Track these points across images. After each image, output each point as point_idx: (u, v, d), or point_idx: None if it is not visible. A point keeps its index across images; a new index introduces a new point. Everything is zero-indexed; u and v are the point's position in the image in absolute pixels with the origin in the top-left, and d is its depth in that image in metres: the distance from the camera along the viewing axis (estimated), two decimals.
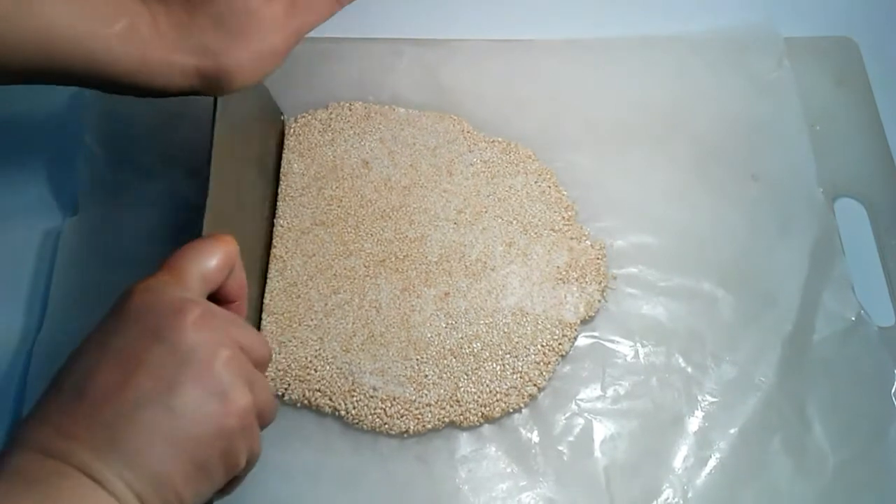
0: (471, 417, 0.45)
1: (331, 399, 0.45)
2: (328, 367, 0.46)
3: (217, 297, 0.38)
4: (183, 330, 0.34)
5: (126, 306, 0.35)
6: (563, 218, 0.51)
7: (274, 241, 0.50)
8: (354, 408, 0.45)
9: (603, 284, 0.49)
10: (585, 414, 0.46)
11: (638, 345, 0.48)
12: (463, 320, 0.47)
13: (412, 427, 0.45)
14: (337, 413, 0.45)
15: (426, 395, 0.45)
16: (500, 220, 0.50)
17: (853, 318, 0.48)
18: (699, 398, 0.46)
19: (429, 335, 0.47)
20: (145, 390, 0.32)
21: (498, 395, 0.46)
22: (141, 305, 0.34)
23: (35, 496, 0.30)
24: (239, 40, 0.42)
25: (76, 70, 0.40)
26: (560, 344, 0.47)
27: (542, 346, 0.47)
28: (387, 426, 0.45)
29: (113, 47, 0.39)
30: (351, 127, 0.54)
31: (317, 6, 0.45)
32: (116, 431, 0.32)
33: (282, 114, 0.54)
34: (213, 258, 0.37)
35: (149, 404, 0.32)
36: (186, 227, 0.51)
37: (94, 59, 0.39)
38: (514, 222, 0.50)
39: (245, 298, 0.41)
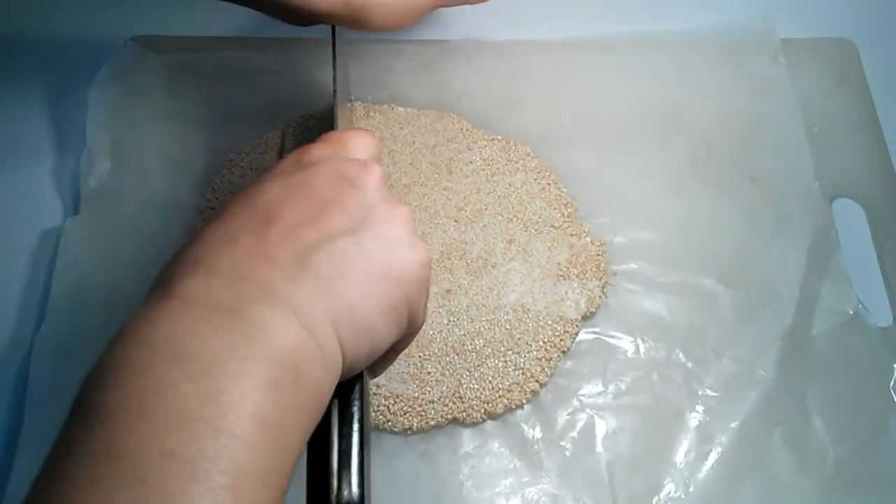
0: (473, 414, 0.45)
1: None
2: None
3: None
4: (372, 182, 0.34)
5: (306, 157, 0.34)
6: (563, 215, 0.51)
7: None
8: None
9: (603, 280, 0.49)
10: (587, 409, 0.46)
11: (639, 340, 0.48)
12: (465, 317, 0.47)
13: (415, 424, 0.45)
14: None
15: (429, 392, 0.46)
16: (500, 218, 0.51)
17: (851, 312, 0.48)
18: (700, 393, 0.47)
19: (431, 332, 0.47)
20: (340, 225, 0.32)
21: (500, 392, 0.46)
22: (323, 158, 0.35)
23: (228, 329, 0.27)
24: None
25: None
26: (561, 340, 0.47)
27: (544, 342, 0.47)
28: (390, 423, 0.45)
29: None
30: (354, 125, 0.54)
31: None
32: (313, 256, 0.30)
33: (351, 97, 0.55)
34: (370, 143, 0.38)
35: (342, 238, 0.31)
36: (186, 226, 0.51)
37: None
38: (515, 219, 0.51)
39: None
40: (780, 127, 0.55)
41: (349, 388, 0.32)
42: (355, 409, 0.32)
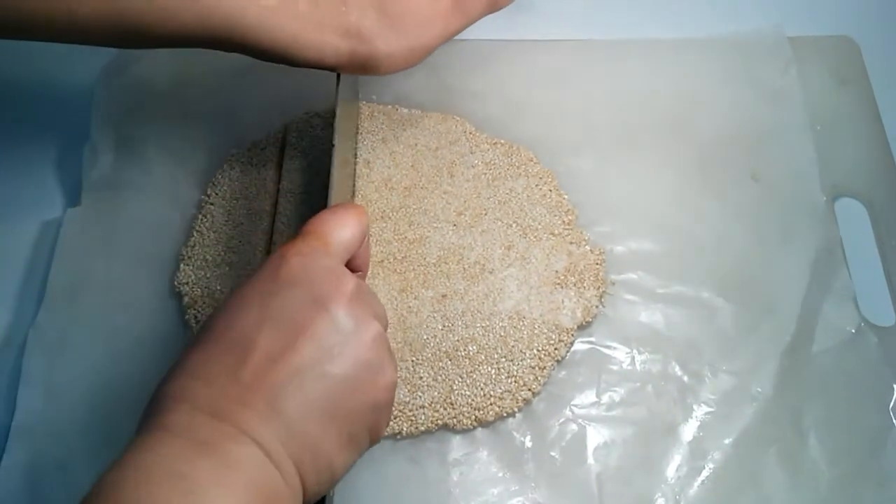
0: (464, 420, 0.45)
1: None
2: None
3: (349, 266, 0.39)
4: (342, 301, 0.35)
5: (283, 270, 0.35)
6: (564, 222, 0.50)
7: (274, 237, 0.50)
8: None
9: (601, 290, 0.49)
10: (579, 420, 0.46)
11: (634, 352, 0.48)
12: (459, 323, 0.47)
13: (405, 429, 0.45)
14: None
15: (420, 396, 0.45)
16: (499, 223, 0.50)
17: (853, 331, 0.47)
18: (694, 407, 0.46)
19: (425, 337, 0.47)
20: (307, 358, 0.33)
21: (492, 399, 0.45)
22: (299, 270, 0.35)
23: (211, 460, 0.30)
24: (397, 30, 0.43)
25: (230, 39, 0.41)
26: (556, 349, 0.47)
27: (538, 350, 0.47)
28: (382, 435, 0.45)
29: (268, 20, 0.41)
30: (356, 125, 0.54)
31: (473, 9, 0.46)
32: (281, 397, 0.32)
33: (358, 95, 0.55)
34: (353, 227, 0.38)
35: (310, 372, 0.33)
36: (186, 221, 0.52)
37: (248, 30, 0.41)
38: (514, 225, 0.50)
39: (368, 269, 0.42)
40: (788, 137, 0.54)
41: None
42: None
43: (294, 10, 0.41)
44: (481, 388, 0.46)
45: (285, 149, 0.53)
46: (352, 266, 0.39)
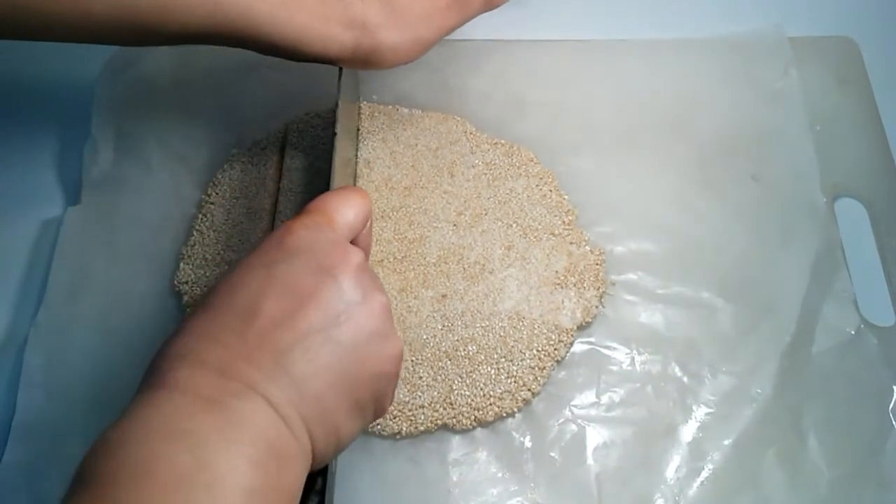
0: (464, 420, 0.45)
1: None
2: None
3: None
4: (350, 271, 0.35)
5: (289, 240, 0.35)
6: (564, 222, 0.50)
7: None
8: None
9: (601, 290, 0.49)
10: (579, 420, 0.46)
11: (634, 352, 0.48)
12: (459, 323, 0.47)
13: (404, 429, 0.45)
14: None
15: (420, 396, 0.45)
16: (499, 223, 0.50)
17: (853, 332, 0.47)
18: (694, 408, 0.46)
19: (424, 337, 0.47)
20: (316, 323, 0.33)
21: (491, 399, 0.45)
22: (304, 241, 0.35)
23: (217, 416, 0.30)
24: (401, 23, 0.43)
25: (239, 34, 0.41)
26: (556, 349, 0.47)
27: (538, 350, 0.47)
28: (379, 427, 0.45)
29: (276, 13, 0.41)
30: (356, 125, 0.54)
31: (471, 6, 0.46)
32: (289, 358, 0.32)
33: (360, 96, 0.55)
34: (357, 208, 0.38)
35: (318, 337, 0.33)
36: (186, 220, 0.52)
37: (257, 24, 0.41)
38: (514, 225, 0.50)
39: (370, 254, 0.42)
40: (785, 135, 0.54)
41: (313, 481, 0.35)
42: (315, 499, 0.35)
43: (299, 3, 0.41)
44: (481, 389, 0.46)
45: (286, 148, 0.53)
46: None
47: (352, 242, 0.39)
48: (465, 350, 0.46)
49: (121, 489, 0.27)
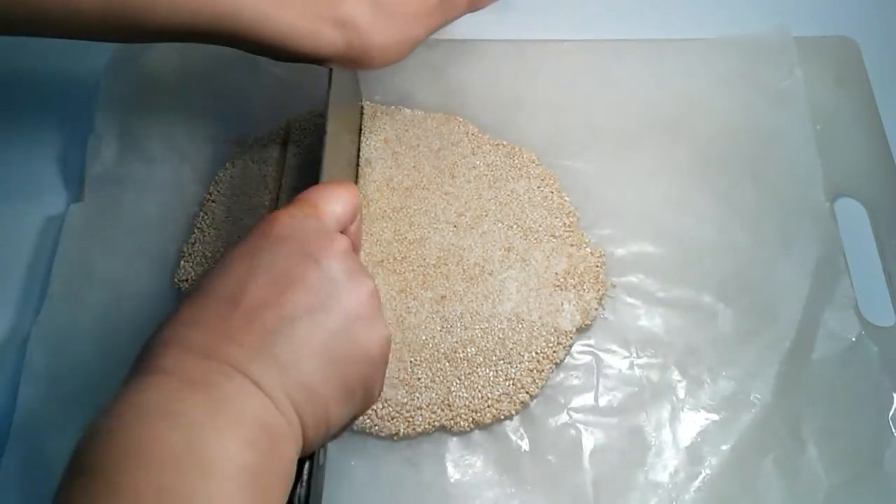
0: (461, 422, 0.45)
1: None
2: None
3: None
4: (335, 256, 0.35)
5: (273, 229, 0.35)
6: (564, 224, 0.50)
7: None
8: None
9: (601, 293, 0.48)
10: (577, 424, 0.46)
11: (634, 356, 0.47)
12: (458, 324, 0.47)
13: (402, 430, 0.45)
14: None
15: (418, 398, 0.45)
16: (500, 225, 0.50)
17: (854, 339, 0.47)
18: (693, 413, 0.46)
19: (423, 338, 0.47)
20: (301, 306, 0.33)
21: (490, 401, 0.45)
22: (289, 229, 0.35)
23: (204, 395, 0.30)
24: (389, 24, 0.43)
25: (228, 31, 0.41)
26: (555, 352, 0.47)
27: (537, 353, 0.46)
28: (377, 427, 0.45)
29: (265, 12, 0.41)
30: (359, 124, 0.54)
31: (456, 8, 0.47)
32: (274, 339, 0.32)
33: (361, 96, 0.55)
34: (345, 202, 0.38)
35: (304, 319, 0.33)
36: (187, 218, 0.52)
37: (246, 22, 0.41)
38: (515, 227, 0.50)
39: (360, 250, 0.42)
40: (790, 137, 0.53)
41: (300, 468, 0.34)
42: (301, 490, 0.34)
43: (289, 1, 0.41)
44: (479, 391, 0.45)
45: (288, 146, 0.53)
46: None
47: None
48: (463, 352, 0.46)
49: (116, 472, 0.27)
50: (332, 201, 0.38)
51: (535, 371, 0.46)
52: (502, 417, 0.45)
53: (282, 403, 0.31)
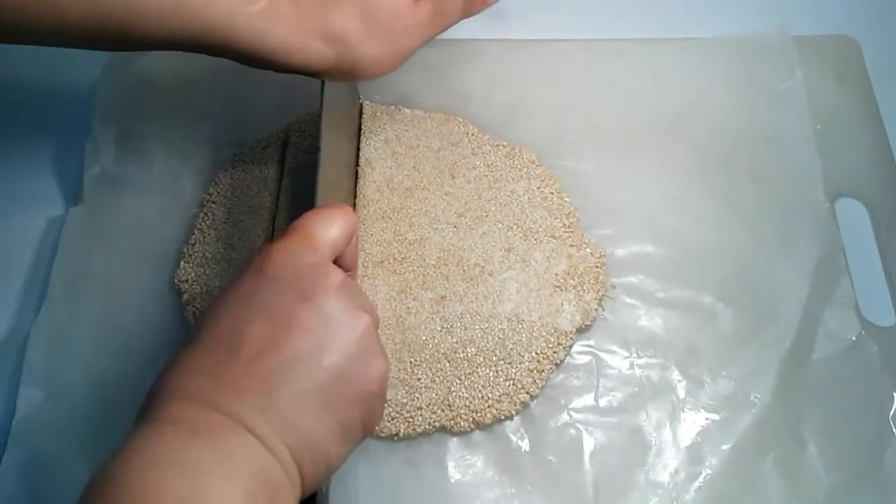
0: (462, 423, 0.45)
1: None
2: None
3: (336, 264, 0.39)
4: (329, 294, 0.35)
5: (267, 268, 0.36)
6: (564, 225, 0.50)
7: (274, 235, 0.50)
8: None
9: (601, 293, 0.48)
10: (577, 424, 0.46)
11: (634, 356, 0.47)
12: (458, 324, 0.47)
13: (402, 430, 0.45)
14: None
15: (418, 398, 0.45)
16: (500, 225, 0.50)
17: (854, 339, 0.47)
18: (693, 413, 0.46)
19: (423, 338, 0.47)
20: (298, 349, 0.33)
21: (490, 402, 0.45)
22: (283, 267, 0.36)
23: (208, 447, 0.31)
24: (380, 37, 0.43)
25: (218, 44, 0.41)
26: (555, 352, 0.47)
27: (537, 353, 0.46)
28: (377, 428, 0.45)
29: (255, 24, 0.41)
30: (357, 125, 0.54)
31: (449, 18, 0.47)
32: (273, 389, 0.33)
33: (359, 96, 0.55)
34: (339, 227, 0.38)
35: (302, 363, 0.33)
36: (187, 219, 0.52)
37: (236, 34, 0.41)
38: (515, 227, 0.50)
39: (357, 269, 0.43)
40: (790, 137, 0.53)
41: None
42: None
43: (280, 15, 0.41)
44: (479, 391, 0.45)
45: (287, 148, 0.53)
46: (339, 265, 0.39)
47: (337, 259, 0.39)
48: (463, 352, 0.46)
49: None
50: (327, 227, 0.38)
51: (535, 371, 0.46)
52: (503, 418, 0.45)
53: (282, 455, 0.32)
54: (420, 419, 0.45)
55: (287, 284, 0.35)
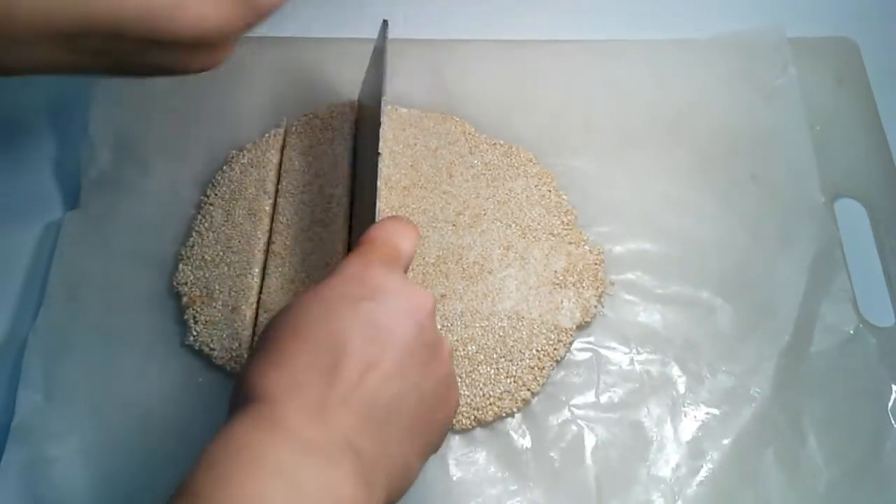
0: (463, 420, 0.45)
1: None
2: None
3: None
4: (431, 318, 0.35)
5: (370, 276, 0.35)
6: (563, 222, 0.50)
7: (273, 237, 0.50)
8: None
9: (600, 290, 0.49)
10: (578, 420, 0.46)
11: (633, 352, 0.48)
12: (458, 323, 0.47)
13: None
14: None
15: None
16: (498, 224, 0.50)
17: (851, 332, 0.47)
18: (693, 408, 0.46)
19: None
20: (404, 369, 0.33)
21: (491, 399, 0.45)
22: (385, 280, 0.35)
23: (316, 460, 0.30)
24: None
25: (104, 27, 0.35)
26: (555, 349, 0.47)
27: (537, 350, 0.47)
28: None
29: None
30: (352, 126, 0.54)
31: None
32: (376, 414, 0.32)
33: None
34: (412, 240, 0.39)
35: (405, 383, 0.33)
36: (185, 221, 0.52)
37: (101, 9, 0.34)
38: (513, 226, 0.50)
39: None
40: (787, 136, 0.54)
41: None
42: None
43: None
44: (480, 389, 0.46)
45: (285, 149, 0.53)
46: None
47: None
48: (464, 350, 0.46)
49: None
50: (404, 241, 0.38)
51: (535, 368, 0.46)
52: (504, 415, 0.45)
53: (376, 487, 0.32)
54: None
55: (390, 298, 0.34)
